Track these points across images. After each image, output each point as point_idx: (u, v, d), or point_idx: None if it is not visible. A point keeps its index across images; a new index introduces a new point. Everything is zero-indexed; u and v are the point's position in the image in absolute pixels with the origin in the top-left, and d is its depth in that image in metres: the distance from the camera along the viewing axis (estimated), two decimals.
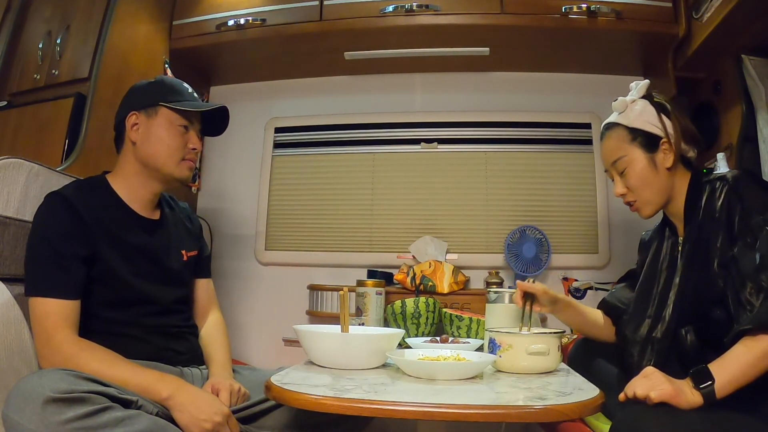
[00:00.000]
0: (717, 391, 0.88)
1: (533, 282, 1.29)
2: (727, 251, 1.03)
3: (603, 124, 1.27)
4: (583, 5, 1.87)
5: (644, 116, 1.19)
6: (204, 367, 1.30)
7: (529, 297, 1.28)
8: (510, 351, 1.10)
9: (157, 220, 1.30)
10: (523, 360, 1.09)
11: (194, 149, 1.28)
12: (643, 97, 1.23)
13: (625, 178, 1.20)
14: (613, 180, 1.24)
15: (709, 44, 1.73)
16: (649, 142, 1.18)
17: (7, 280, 1.13)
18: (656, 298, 1.17)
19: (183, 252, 1.33)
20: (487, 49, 2.06)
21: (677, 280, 1.14)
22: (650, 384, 0.90)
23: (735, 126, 1.73)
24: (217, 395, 1.11)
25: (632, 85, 1.25)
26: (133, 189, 1.25)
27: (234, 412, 1.10)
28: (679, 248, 1.17)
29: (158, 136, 1.23)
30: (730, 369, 0.89)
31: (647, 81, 1.24)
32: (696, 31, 1.79)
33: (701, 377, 0.90)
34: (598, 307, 1.38)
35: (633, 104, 1.21)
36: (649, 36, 1.91)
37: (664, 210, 1.23)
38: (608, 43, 2.01)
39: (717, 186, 1.09)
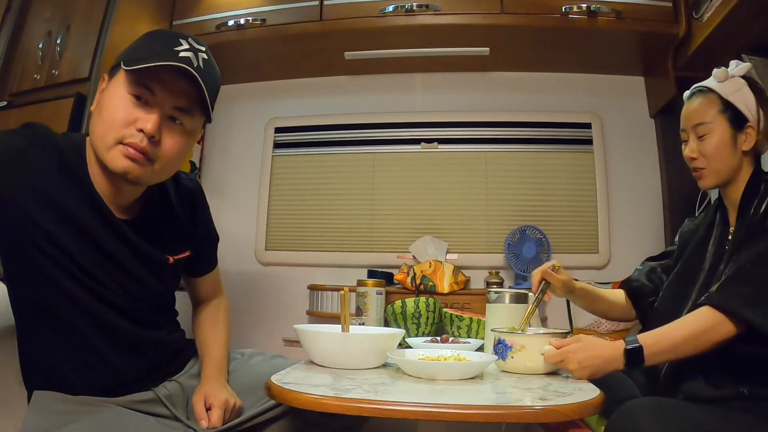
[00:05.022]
0: (646, 358, 0.97)
1: (556, 269, 1.26)
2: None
3: (694, 86, 1.23)
4: (583, 5, 1.87)
5: (742, 95, 1.17)
6: (183, 374, 1.15)
7: (546, 284, 1.26)
8: (523, 352, 1.09)
9: (134, 220, 1.03)
10: (536, 361, 1.08)
11: (141, 131, 0.91)
12: (744, 77, 1.20)
13: (702, 143, 1.17)
14: (685, 141, 1.22)
15: (709, 44, 1.73)
16: (737, 119, 1.16)
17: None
18: (698, 285, 1.15)
19: (168, 257, 1.09)
20: (487, 49, 2.06)
21: (722, 267, 1.12)
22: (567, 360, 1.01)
23: None
24: (208, 410, 1.04)
25: (732, 62, 1.22)
26: (99, 177, 0.97)
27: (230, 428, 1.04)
28: (729, 238, 1.15)
29: (103, 104, 0.94)
30: (661, 341, 0.98)
31: (749, 64, 1.21)
32: (696, 30, 1.79)
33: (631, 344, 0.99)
34: (620, 287, 1.37)
35: (734, 79, 1.19)
36: (649, 36, 1.91)
37: (722, 191, 1.21)
38: (608, 43, 2.01)
39: None
